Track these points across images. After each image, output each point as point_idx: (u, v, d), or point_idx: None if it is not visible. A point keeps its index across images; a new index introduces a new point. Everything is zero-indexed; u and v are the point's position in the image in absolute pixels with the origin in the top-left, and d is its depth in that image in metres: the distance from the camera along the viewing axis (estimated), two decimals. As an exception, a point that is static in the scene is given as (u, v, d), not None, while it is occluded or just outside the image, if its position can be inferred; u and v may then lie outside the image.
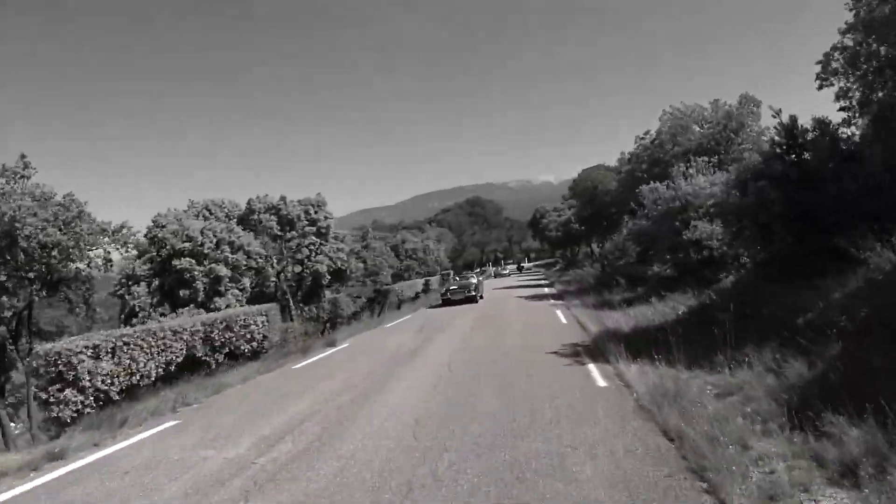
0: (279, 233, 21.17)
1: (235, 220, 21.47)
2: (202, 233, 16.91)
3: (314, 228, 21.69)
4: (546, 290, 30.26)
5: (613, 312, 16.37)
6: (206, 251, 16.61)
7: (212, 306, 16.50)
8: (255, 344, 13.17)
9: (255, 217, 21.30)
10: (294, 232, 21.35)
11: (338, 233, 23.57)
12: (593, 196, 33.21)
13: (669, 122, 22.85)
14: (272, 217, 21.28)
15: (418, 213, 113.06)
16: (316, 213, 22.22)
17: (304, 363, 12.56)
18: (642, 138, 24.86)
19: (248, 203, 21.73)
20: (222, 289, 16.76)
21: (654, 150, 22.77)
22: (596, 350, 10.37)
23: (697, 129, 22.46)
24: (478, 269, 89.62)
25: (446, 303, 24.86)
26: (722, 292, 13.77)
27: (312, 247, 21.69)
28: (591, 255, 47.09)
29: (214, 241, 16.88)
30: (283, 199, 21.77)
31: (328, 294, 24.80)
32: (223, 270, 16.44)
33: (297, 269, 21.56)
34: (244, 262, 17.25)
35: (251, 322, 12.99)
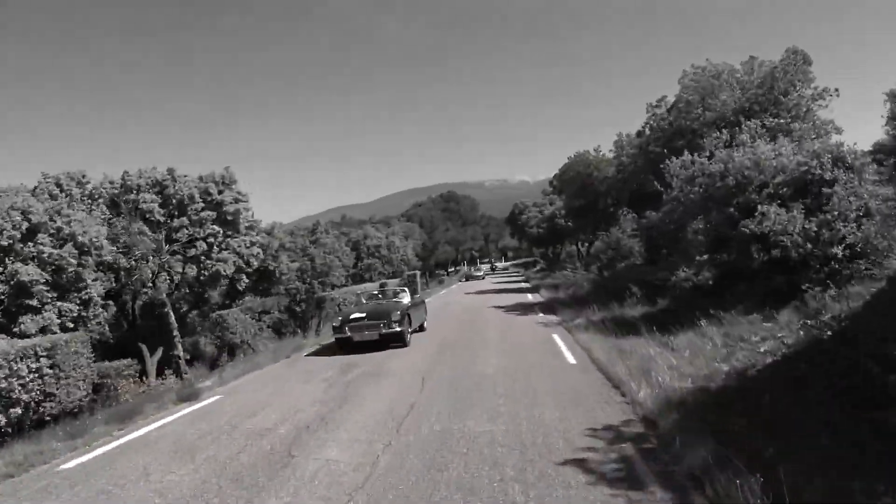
0: (162, 218, 15.06)
1: (103, 200, 15.31)
2: (8, 214, 10.76)
3: (214, 214, 15.61)
4: (530, 297, 24.65)
5: (640, 340, 10.84)
6: (5, 243, 10.45)
7: (15, 329, 10.39)
8: (19, 411, 7.16)
9: (133, 197, 15.15)
10: (184, 218, 15.25)
11: (256, 222, 17.52)
12: (586, 184, 27.76)
13: (694, 84, 17.44)
14: (155, 197, 15.15)
15: (393, 210, 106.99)
16: (220, 193, 16.15)
17: (96, 452, 6.59)
18: (656, 106, 19.45)
19: (123, 178, 15.56)
20: (35, 302, 10.62)
21: (677, 117, 17.33)
22: (674, 466, 4.67)
23: (731, 92, 17.10)
24: (452, 269, 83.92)
25: (343, 346, 12.42)
26: (841, 319, 8.26)
27: (213, 239, 15.61)
28: (578, 255, 41.76)
29: (23, 227, 10.73)
30: (170, 172, 15.63)
31: (251, 302, 18.77)
32: (31, 273, 10.31)
33: (192, 270, 15.46)
34: (76, 261, 11.11)
35: (4, 373, 6.97)
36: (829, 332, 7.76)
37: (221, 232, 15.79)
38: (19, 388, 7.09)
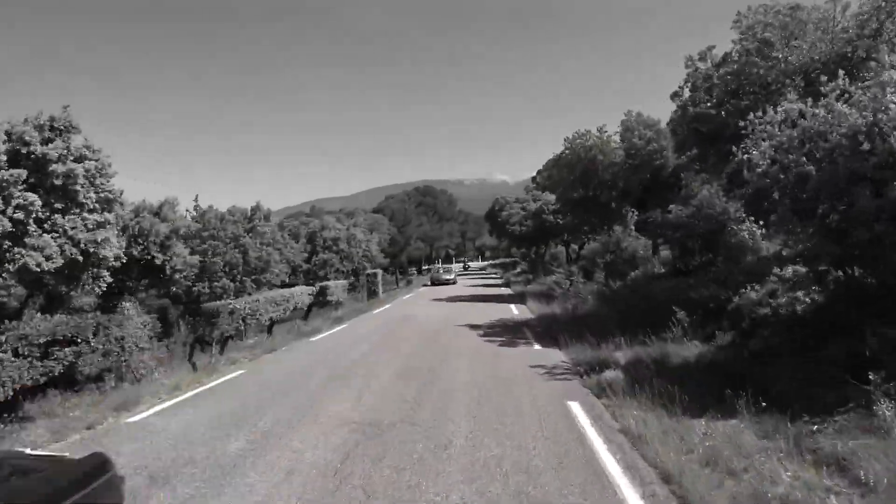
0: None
1: None
2: None
3: (23, 174, 9.78)
4: (515, 310, 19.27)
5: (748, 436, 5.58)
6: None
7: None
8: None
9: None
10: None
11: (112, 193, 11.67)
12: (588, 170, 22.46)
13: (763, 21, 12.25)
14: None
15: (370, 205, 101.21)
16: (48, 143, 10.31)
17: None
18: (700, 59, 14.18)
19: None
20: None
21: (743, 66, 12.10)
22: None
23: (818, 33, 11.98)
24: (426, 267, 78.29)
25: None
26: None
27: (23, 214, 9.77)
28: (568, 258, 36.55)
29: None
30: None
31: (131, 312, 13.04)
32: None
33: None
34: None
35: None
36: None
37: (39, 204, 9.95)
38: None
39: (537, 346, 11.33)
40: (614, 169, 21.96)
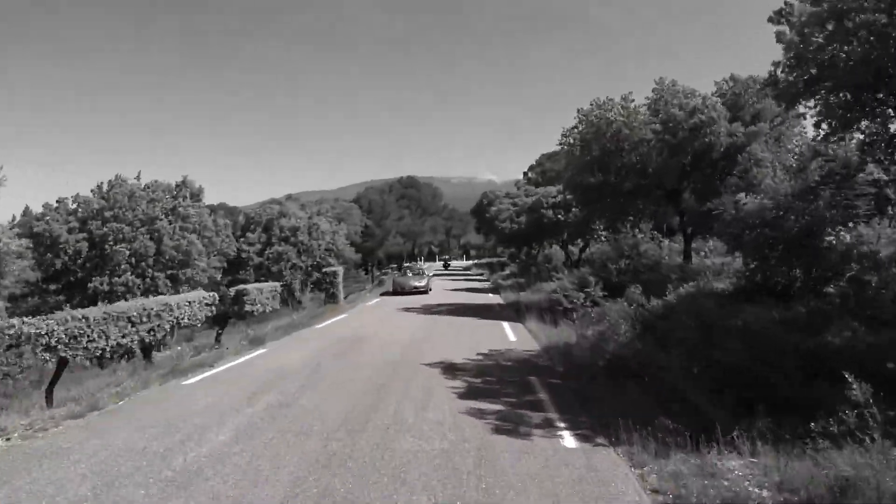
0: None
1: None
2: None
3: None
4: (510, 333, 14.00)
5: None
6: None
7: None
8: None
9: None
10: None
11: None
12: (608, 150, 17.30)
13: None
14: None
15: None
16: None
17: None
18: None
19: None
20: None
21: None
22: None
23: None
24: (407, 264, 72.87)
25: None
26: None
27: None
28: (567, 261, 31.36)
29: None
30: None
31: None
32: None
33: None
34: None
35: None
36: None
37: None
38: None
39: (569, 439, 5.88)
40: (643, 148, 16.84)
